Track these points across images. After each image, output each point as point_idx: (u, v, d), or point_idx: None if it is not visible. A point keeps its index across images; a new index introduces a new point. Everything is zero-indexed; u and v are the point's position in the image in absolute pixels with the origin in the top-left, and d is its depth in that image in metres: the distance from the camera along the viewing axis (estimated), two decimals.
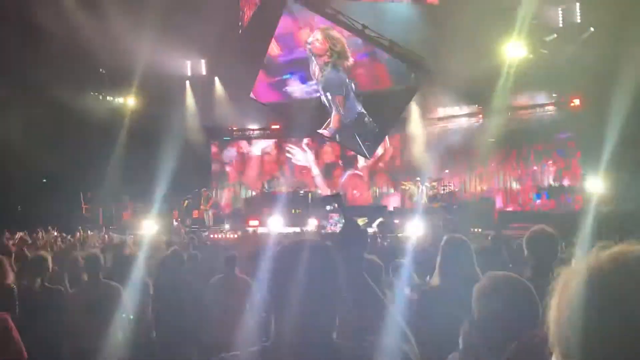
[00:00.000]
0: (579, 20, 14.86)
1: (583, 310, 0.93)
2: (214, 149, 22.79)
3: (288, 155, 22.24)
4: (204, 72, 20.81)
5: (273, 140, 22.71)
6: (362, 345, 1.69)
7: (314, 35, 16.62)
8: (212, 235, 15.33)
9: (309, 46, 16.92)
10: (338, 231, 2.03)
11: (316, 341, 1.63)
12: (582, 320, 0.93)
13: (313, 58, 16.96)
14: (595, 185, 14.26)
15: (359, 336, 1.73)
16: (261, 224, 16.64)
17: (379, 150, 20.48)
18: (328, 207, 15.52)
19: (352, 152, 20.11)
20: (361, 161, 21.17)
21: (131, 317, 5.27)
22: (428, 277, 4.69)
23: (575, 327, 0.94)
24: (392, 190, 21.30)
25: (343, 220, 2.09)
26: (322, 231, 14.48)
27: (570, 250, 4.33)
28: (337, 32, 16.43)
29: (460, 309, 3.19)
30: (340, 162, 21.89)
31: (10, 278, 5.11)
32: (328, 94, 17.42)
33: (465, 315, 3.13)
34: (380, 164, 21.57)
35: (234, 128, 22.75)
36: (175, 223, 17.52)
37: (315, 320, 1.64)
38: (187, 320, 5.55)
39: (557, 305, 0.99)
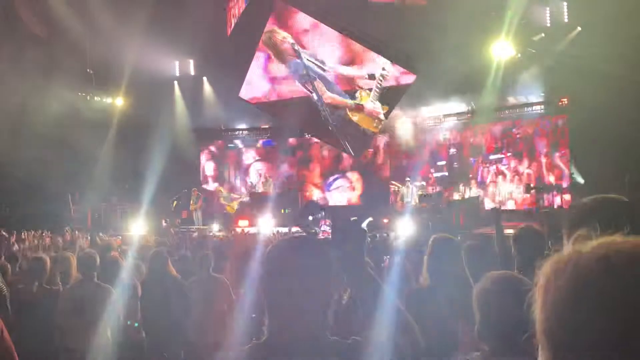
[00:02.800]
0: (566, 20, 14.92)
1: (570, 312, 0.91)
2: (202, 149, 22.73)
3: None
4: (192, 72, 20.73)
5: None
6: (356, 341, 1.68)
7: (285, 35, 16.80)
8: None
9: (296, 47, 17.00)
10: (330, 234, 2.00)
11: (310, 338, 1.63)
12: (569, 322, 0.91)
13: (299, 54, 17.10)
14: (583, 182, 14.36)
15: (360, 331, 1.72)
16: (251, 224, 16.64)
17: None
18: (310, 217, 15.21)
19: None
20: None
21: (129, 322, 5.29)
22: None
23: (561, 329, 0.92)
24: None
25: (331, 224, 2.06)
26: (318, 237, 14.31)
27: (556, 247, 4.32)
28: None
29: (450, 308, 3.19)
30: None
31: None
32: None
33: (456, 315, 3.12)
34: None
35: (223, 128, 22.72)
36: (164, 223, 17.43)
37: (309, 316, 1.64)
38: (175, 321, 5.54)
39: (542, 305, 0.96)
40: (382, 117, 18.19)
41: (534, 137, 17.89)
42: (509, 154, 18.63)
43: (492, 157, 18.99)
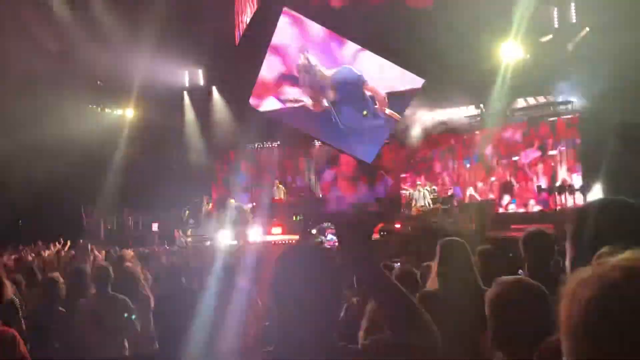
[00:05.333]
0: (574, 21, 14.85)
1: (596, 322, 0.92)
2: (213, 159, 22.75)
3: None
4: (201, 82, 20.79)
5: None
6: (365, 345, 1.68)
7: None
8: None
9: (306, 53, 16.99)
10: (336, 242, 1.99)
11: (319, 345, 1.63)
12: (596, 337, 0.92)
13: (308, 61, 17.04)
14: (596, 184, 14.25)
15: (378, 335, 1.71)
16: (264, 232, 16.64)
17: None
18: (314, 231, 14.71)
19: None
20: None
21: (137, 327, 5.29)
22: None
23: (588, 344, 0.93)
24: None
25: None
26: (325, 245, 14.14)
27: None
28: None
29: (461, 313, 3.16)
30: None
31: (9, 292, 5.12)
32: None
33: (466, 320, 3.09)
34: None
35: (233, 137, 22.73)
36: (177, 234, 17.48)
37: (317, 324, 1.64)
38: (189, 332, 5.54)
39: (568, 318, 0.97)
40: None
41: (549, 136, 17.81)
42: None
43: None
